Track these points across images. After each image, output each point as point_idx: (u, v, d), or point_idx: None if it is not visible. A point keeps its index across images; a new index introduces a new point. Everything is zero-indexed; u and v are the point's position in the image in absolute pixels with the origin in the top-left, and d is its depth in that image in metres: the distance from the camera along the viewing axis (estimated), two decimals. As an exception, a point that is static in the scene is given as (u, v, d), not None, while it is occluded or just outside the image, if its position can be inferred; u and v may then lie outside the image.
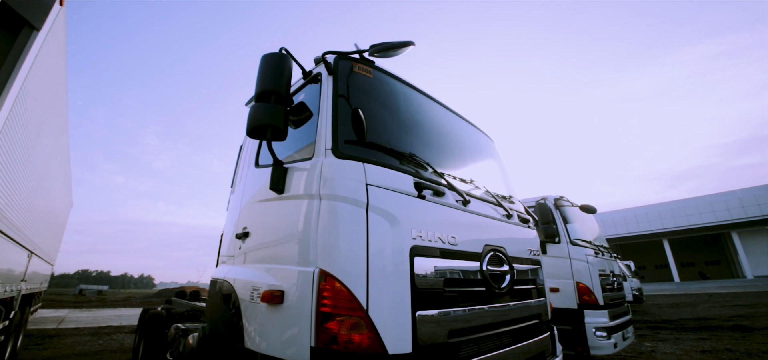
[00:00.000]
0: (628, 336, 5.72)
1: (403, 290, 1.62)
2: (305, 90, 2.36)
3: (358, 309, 1.51)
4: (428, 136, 2.64)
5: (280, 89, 1.90)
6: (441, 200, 2.02)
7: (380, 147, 1.94)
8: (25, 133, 3.60)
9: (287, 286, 1.71)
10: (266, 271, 1.98)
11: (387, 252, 1.63)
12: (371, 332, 1.48)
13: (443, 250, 1.88)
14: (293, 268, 1.73)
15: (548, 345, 2.50)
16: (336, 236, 1.62)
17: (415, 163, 2.07)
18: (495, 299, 2.10)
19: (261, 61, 1.99)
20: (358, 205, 1.64)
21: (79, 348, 8.86)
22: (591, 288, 5.15)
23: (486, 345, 1.95)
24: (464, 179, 2.47)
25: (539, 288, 2.65)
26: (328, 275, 1.56)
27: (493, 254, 2.18)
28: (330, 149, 1.81)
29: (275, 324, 1.70)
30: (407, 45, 2.14)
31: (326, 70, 2.17)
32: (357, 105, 2.02)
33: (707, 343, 7.48)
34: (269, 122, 1.80)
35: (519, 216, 2.80)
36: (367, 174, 1.73)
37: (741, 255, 35.21)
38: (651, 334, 9.11)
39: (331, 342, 1.47)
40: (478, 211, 2.30)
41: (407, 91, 2.59)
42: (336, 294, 1.53)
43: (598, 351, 4.95)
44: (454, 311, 1.81)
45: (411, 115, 2.54)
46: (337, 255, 1.59)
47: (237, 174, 3.23)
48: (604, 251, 6.17)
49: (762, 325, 9.29)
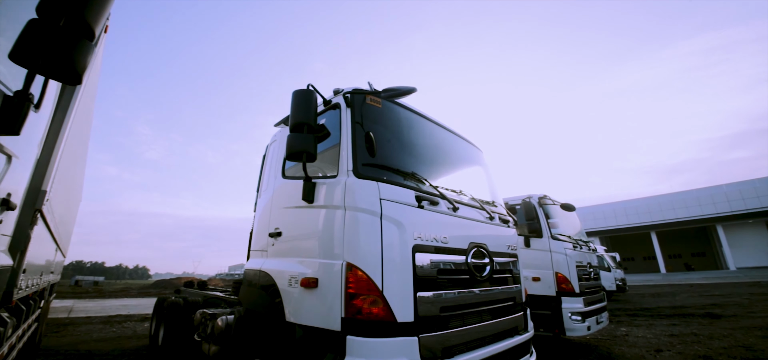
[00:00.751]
0: (602, 321, 6.41)
1: (408, 277, 2.21)
2: (326, 114, 2.91)
3: (375, 290, 2.09)
4: (427, 152, 3.22)
5: (310, 121, 2.45)
6: (435, 208, 2.60)
7: (389, 168, 2.51)
8: (79, 128, 3.92)
9: (320, 275, 2.30)
10: (300, 263, 2.55)
11: (395, 249, 2.21)
12: (385, 307, 2.07)
13: (437, 247, 2.47)
14: (325, 261, 2.31)
15: (521, 322, 3.12)
16: (358, 237, 2.20)
17: (416, 179, 2.64)
18: (477, 285, 2.70)
19: (293, 96, 2.54)
20: (375, 215, 2.22)
21: (95, 335, 9.41)
22: (568, 277, 5.81)
23: (469, 319, 2.55)
24: (455, 189, 3.05)
25: (515, 276, 3.25)
26: (353, 266, 2.14)
27: (476, 250, 2.77)
28: (351, 170, 2.38)
29: (312, 303, 2.29)
30: (411, 91, 2.72)
31: (344, 103, 2.72)
32: (369, 129, 2.58)
33: (677, 328, 8.22)
34: (304, 149, 2.36)
35: (500, 217, 3.39)
36: (380, 190, 2.30)
37: (725, 247, 36.51)
38: (628, 320, 9.88)
39: (357, 313, 2.06)
40: (466, 215, 2.89)
41: (409, 115, 3.14)
42: (359, 280, 2.11)
43: (573, 333, 5.63)
44: (444, 293, 2.40)
45: (413, 135, 3.11)
46: (359, 251, 2.17)
47: (262, 180, 3.78)
48: (582, 245, 6.83)
49: (730, 314, 10.09)
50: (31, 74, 1.36)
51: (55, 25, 1.33)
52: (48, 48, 1.29)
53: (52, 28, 1.32)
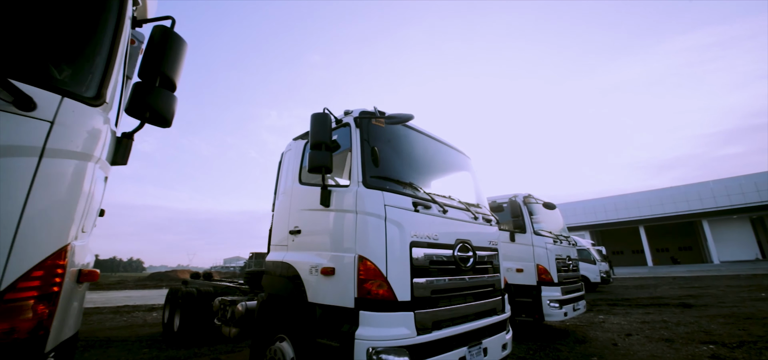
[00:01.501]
0: (579, 308, 7.11)
1: (406, 266, 2.81)
2: (338, 131, 3.48)
3: (381, 276, 2.69)
4: (422, 161, 3.82)
5: (327, 140, 3.03)
6: (428, 211, 3.19)
7: (391, 179, 3.10)
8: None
9: (336, 264, 2.90)
10: (317, 255, 3.15)
11: (397, 245, 2.81)
12: (389, 289, 2.67)
13: (429, 243, 3.07)
14: (340, 254, 2.91)
15: (499, 305, 3.75)
16: (367, 235, 2.79)
17: (413, 187, 3.24)
18: (462, 273, 3.31)
19: (312, 119, 3.12)
20: (380, 218, 2.81)
21: (107, 324, 9.96)
22: (548, 269, 6.48)
23: (455, 301, 3.17)
24: (446, 194, 3.65)
25: (495, 267, 3.87)
26: (363, 258, 2.73)
27: (462, 245, 3.38)
28: (361, 181, 2.96)
29: (329, 287, 2.89)
30: (409, 119, 3.30)
31: (354, 124, 3.30)
32: (374, 145, 3.16)
33: (650, 317, 8.97)
34: (323, 164, 2.95)
35: (483, 217, 4.00)
36: (384, 198, 2.89)
37: (709, 241, 37.80)
38: (608, 309, 10.65)
39: (366, 294, 2.66)
40: (454, 216, 3.49)
41: (407, 132, 3.72)
42: (368, 269, 2.71)
43: (551, 318, 6.32)
44: (435, 280, 3.01)
45: (410, 148, 3.71)
46: (368, 246, 2.76)
47: (279, 183, 4.35)
48: (562, 239, 7.50)
49: (702, 304, 10.89)
50: (141, 124, 1.92)
51: (151, 84, 1.90)
52: (149, 104, 1.85)
53: (150, 87, 1.88)
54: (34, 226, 1.23)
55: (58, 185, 1.34)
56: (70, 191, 1.38)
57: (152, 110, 1.84)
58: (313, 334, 2.86)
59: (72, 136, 1.39)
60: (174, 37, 1.98)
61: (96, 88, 1.55)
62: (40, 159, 1.27)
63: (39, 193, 1.25)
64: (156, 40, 1.93)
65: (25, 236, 1.21)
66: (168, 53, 1.93)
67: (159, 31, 1.96)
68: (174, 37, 1.98)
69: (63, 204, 1.35)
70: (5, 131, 1.21)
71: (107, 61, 1.63)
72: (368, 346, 2.48)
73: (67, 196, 1.37)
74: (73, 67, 1.56)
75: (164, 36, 1.95)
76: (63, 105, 1.37)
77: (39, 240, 1.26)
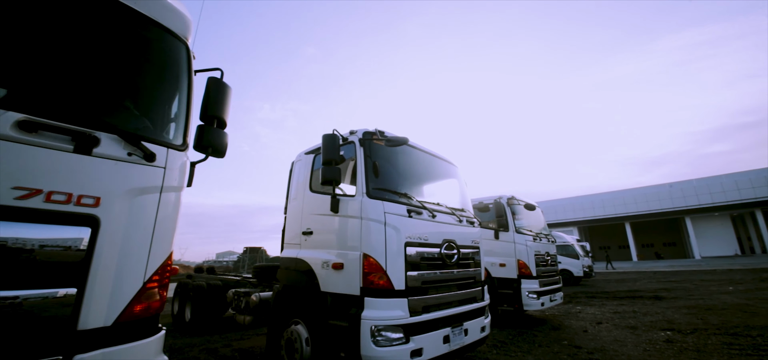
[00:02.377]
0: (555, 299, 7.90)
1: (401, 262, 3.48)
2: (344, 147, 4.12)
3: (381, 270, 3.36)
4: (415, 172, 4.49)
5: (336, 158, 3.67)
6: (420, 217, 3.86)
7: (390, 190, 3.76)
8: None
9: (344, 260, 3.56)
10: (328, 253, 3.81)
11: (394, 245, 3.48)
12: (388, 280, 3.34)
13: (421, 243, 3.74)
14: (347, 252, 3.57)
15: (479, 293, 4.46)
16: (370, 237, 3.45)
17: (407, 196, 3.90)
18: (448, 267, 4.00)
19: (323, 139, 3.75)
20: (381, 223, 3.47)
21: (117, 314, 10.49)
22: (527, 263, 7.24)
23: (442, 290, 3.86)
24: (435, 201, 4.32)
25: (476, 262, 4.57)
26: (367, 255, 3.40)
27: (448, 244, 4.06)
28: (365, 192, 3.62)
29: (339, 279, 3.55)
30: (404, 142, 3.95)
31: (358, 142, 3.94)
32: (376, 160, 3.81)
33: (622, 308, 9.80)
34: (333, 178, 3.60)
35: (467, 220, 4.68)
36: (384, 206, 3.55)
37: (692, 238, 39.27)
38: (586, 301, 11.51)
39: (370, 284, 3.33)
40: (441, 220, 4.16)
41: (403, 147, 4.37)
42: (371, 264, 3.37)
43: (530, 307, 7.08)
44: (425, 273, 3.69)
45: (406, 161, 4.37)
46: (371, 246, 3.43)
47: (291, 189, 4.98)
48: (542, 237, 8.26)
49: (673, 296, 11.79)
50: (205, 158, 2.54)
51: (211, 126, 2.51)
52: (212, 143, 2.47)
53: (210, 129, 2.49)
54: (159, 239, 1.88)
55: (168, 210, 1.97)
56: (173, 213, 2.02)
57: (213, 147, 2.46)
58: (326, 316, 3.53)
59: (174, 175, 2.02)
60: (224, 87, 2.57)
61: (182, 137, 2.18)
62: (161, 194, 1.90)
63: (160, 217, 1.89)
64: (211, 90, 2.53)
65: (156, 246, 1.85)
66: (222, 100, 2.53)
67: (213, 83, 2.56)
68: (224, 86, 2.58)
69: (170, 222, 1.99)
70: (141, 177, 1.84)
71: (186, 116, 2.25)
72: (371, 325, 3.15)
73: (172, 217, 2.01)
74: (171, 125, 2.19)
75: (217, 86, 2.54)
76: (169, 155, 2.00)
77: (162, 247, 1.90)
